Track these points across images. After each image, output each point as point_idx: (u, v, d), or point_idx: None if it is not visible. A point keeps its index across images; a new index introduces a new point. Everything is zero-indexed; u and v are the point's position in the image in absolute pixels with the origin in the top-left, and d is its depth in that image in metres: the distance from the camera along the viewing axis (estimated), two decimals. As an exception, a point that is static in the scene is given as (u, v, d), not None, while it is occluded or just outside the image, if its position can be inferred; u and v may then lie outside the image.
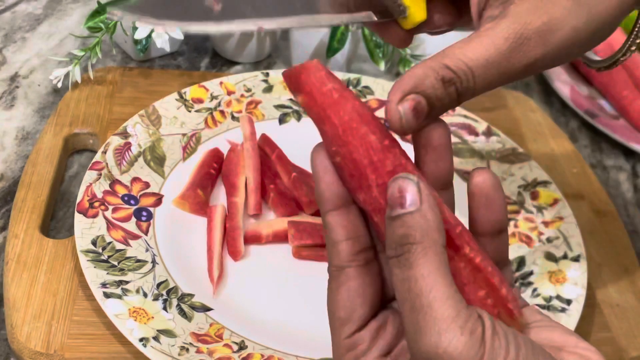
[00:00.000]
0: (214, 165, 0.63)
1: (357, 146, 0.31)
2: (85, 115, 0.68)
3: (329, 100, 0.31)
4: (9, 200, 0.62)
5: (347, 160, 0.31)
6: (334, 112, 0.31)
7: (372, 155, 0.31)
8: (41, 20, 0.84)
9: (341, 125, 0.31)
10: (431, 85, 0.33)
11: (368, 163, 0.31)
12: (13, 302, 0.52)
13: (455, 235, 0.31)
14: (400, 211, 0.30)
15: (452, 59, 0.34)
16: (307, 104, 0.31)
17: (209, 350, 0.49)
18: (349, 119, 0.31)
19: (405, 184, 0.30)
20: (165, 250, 0.56)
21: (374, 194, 0.31)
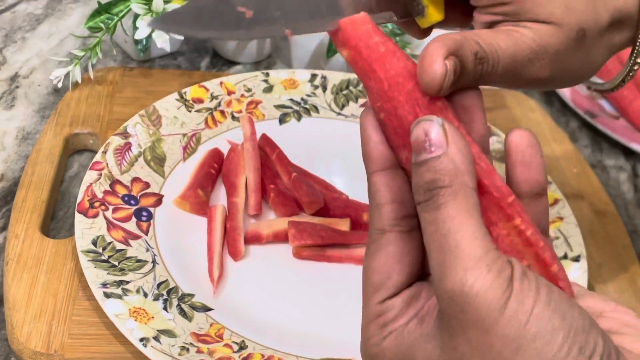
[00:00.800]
0: (214, 165, 0.64)
1: (403, 102, 0.30)
2: (86, 115, 0.68)
3: (375, 54, 0.30)
4: (9, 200, 0.62)
5: (391, 116, 0.30)
6: (380, 66, 0.30)
7: (417, 111, 0.30)
8: (41, 20, 0.84)
9: (387, 79, 0.30)
10: (467, 55, 0.33)
11: (413, 119, 0.30)
12: (13, 302, 0.52)
13: (507, 205, 0.30)
14: (427, 156, 0.29)
15: (485, 41, 0.35)
16: (353, 58, 0.31)
17: (210, 350, 0.49)
18: (395, 73, 0.30)
19: (430, 126, 0.29)
20: (165, 250, 0.56)
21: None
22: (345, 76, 0.74)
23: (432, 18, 0.39)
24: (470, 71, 0.33)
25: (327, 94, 0.73)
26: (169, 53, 0.81)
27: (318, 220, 0.60)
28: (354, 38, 0.30)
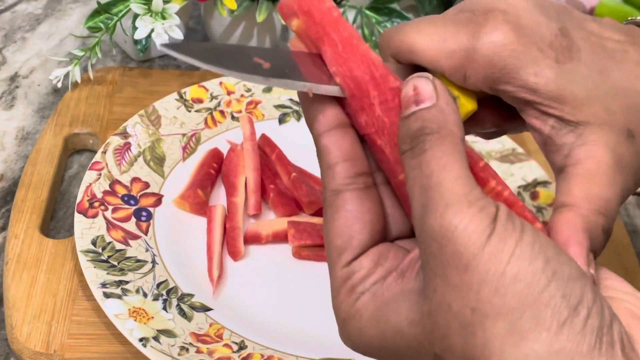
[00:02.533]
0: (213, 165, 0.63)
1: (358, 62, 0.30)
2: (85, 115, 0.68)
3: (328, 17, 0.30)
4: (9, 200, 0.62)
5: (347, 79, 0.30)
6: (334, 29, 0.30)
7: (373, 70, 0.30)
8: (41, 20, 0.84)
9: (341, 41, 0.30)
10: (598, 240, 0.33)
11: (370, 79, 0.30)
12: (13, 302, 0.52)
13: (479, 169, 0.30)
14: (415, 108, 0.29)
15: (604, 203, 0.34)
16: (305, 24, 0.31)
17: (209, 350, 0.49)
18: (349, 35, 0.30)
19: (420, 82, 0.29)
20: (165, 250, 0.56)
21: (376, 113, 0.30)
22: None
23: (464, 109, 0.37)
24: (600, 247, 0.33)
25: (327, 94, 0.72)
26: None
27: (318, 220, 0.60)
28: (307, 4, 0.30)
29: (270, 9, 0.73)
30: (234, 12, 0.73)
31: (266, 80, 0.29)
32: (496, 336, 0.26)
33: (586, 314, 0.26)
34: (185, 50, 0.28)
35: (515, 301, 0.26)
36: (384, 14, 0.75)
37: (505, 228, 0.26)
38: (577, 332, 0.25)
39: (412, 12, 0.82)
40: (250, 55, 0.29)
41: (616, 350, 0.26)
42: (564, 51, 0.35)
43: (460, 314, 0.26)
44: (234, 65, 0.28)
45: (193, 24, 0.88)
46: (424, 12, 0.81)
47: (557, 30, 0.35)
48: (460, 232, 0.26)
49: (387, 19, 0.75)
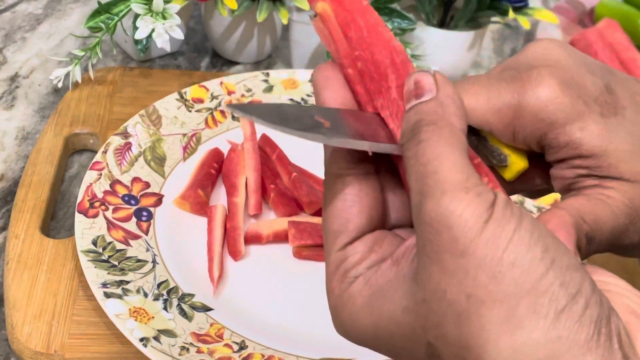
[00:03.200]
0: (214, 165, 0.64)
1: (381, 48, 0.31)
2: (86, 115, 0.68)
3: (357, 5, 0.32)
4: (9, 200, 0.62)
5: (369, 63, 0.31)
6: (361, 16, 0.32)
7: (394, 56, 0.31)
8: (41, 20, 0.84)
9: (367, 27, 0.32)
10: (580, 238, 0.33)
11: (390, 63, 0.31)
12: (13, 302, 0.52)
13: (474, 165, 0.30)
14: (416, 101, 0.29)
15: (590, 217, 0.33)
16: (334, 9, 0.32)
17: (210, 350, 0.49)
18: (375, 22, 0.32)
19: (421, 76, 0.29)
20: (165, 250, 0.56)
21: (392, 96, 0.31)
22: (345, 76, 0.74)
23: (516, 167, 0.37)
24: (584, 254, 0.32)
25: (327, 94, 0.73)
26: (169, 53, 0.81)
27: (318, 220, 0.60)
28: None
29: (270, 9, 0.73)
30: (234, 12, 0.73)
31: (328, 140, 0.29)
32: (492, 323, 0.25)
33: (584, 303, 0.25)
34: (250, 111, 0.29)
35: (512, 288, 0.25)
36: (384, 14, 0.75)
37: (503, 215, 0.26)
38: (575, 321, 0.25)
39: (412, 12, 0.82)
40: (312, 115, 0.30)
41: (614, 343, 0.26)
42: (609, 107, 0.35)
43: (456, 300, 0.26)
44: (297, 125, 0.29)
45: (193, 24, 0.88)
46: (424, 12, 0.81)
47: (602, 87, 0.35)
48: (457, 217, 0.26)
49: (388, 19, 0.75)
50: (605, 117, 0.34)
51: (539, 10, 0.77)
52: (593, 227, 0.33)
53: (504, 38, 0.99)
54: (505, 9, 0.76)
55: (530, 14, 0.77)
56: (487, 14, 0.78)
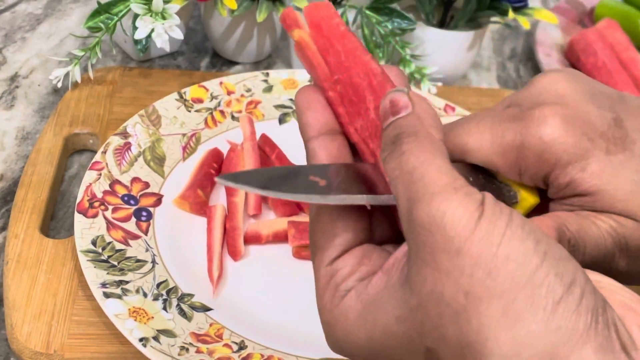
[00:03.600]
0: (213, 165, 0.64)
1: (359, 71, 0.32)
2: (85, 115, 0.68)
3: (335, 31, 0.33)
4: (9, 200, 0.62)
5: (347, 86, 0.32)
6: (339, 41, 0.33)
7: (372, 79, 0.32)
8: (41, 20, 0.84)
9: (345, 52, 0.32)
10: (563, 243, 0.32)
11: (367, 85, 0.32)
12: (13, 302, 0.52)
13: None
14: (392, 118, 0.30)
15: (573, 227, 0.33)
16: (313, 35, 0.33)
17: (209, 350, 0.49)
18: (353, 47, 0.33)
19: (397, 95, 0.30)
20: (165, 250, 0.56)
21: (371, 117, 0.32)
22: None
23: (527, 203, 0.37)
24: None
25: (327, 94, 0.73)
26: (168, 53, 0.81)
27: (318, 220, 0.60)
28: (317, 17, 0.33)
29: (270, 9, 0.73)
30: (234, 12, 0.73)
31: (324, 198, 0.30)
32: (491, 319, 0.25)
33: (580, 292, 0.26)
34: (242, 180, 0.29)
35: (508, 282, 0.25)
36: (384, 14, 0.75)
37: (493, 211, 0.26)
38: (573, 310, 0.25)
39: (412, 12, 0.82)
40: (306, 175, 0.30)
41: (611, 332, 0.26)
42: (616, 142, 0.34)
43: (453, 300, 0.26)
44: (291, 188, 0.29)
45: (193, 24, 0.88)
46: (424, 12, 0.81)
47: (610, 120, 0.34)
48: (450, 217, 0.26)
49: (387, 19, 0.75)
50: (611, 154, 0.34)
51: (539, 10, 0.77)
52: (576, 236, 0.33)
53: (503, 38, 0.99)
54: (505, 9, 0.76)
55: (530, 14, 0.77)
56: (487, 14, 0.78)
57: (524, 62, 0.94)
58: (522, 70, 0.92)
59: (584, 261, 0.33)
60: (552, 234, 0.32)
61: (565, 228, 0.33)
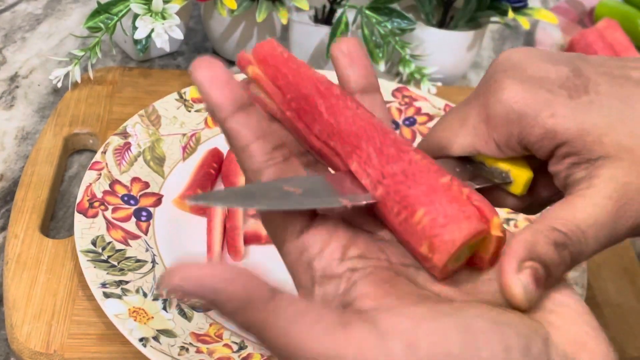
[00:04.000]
0: (213, 165, 0.64)
1: (306, 83, 0.34)
2: (85, 115, 0.68)
3: (280, 58, 0.35)
4: (9, 200, 0.62)
5: (299, 99, 0.34)
6: (284, 65, 0.35)
7: (319, 86, 0.34)
8: (41, 20, 0.84)
9: (291, 73, 0.34)
10: (544, 251, 0.30)
11: (315, 92, 0.34)
12: (13, 302, 0.52)
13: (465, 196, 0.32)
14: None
15: (561, 221, 0.32)
16: (262, 68, 0.35)
17: (209, 350, 0.49)
18: (297, 67, 0.35)
19: None
20: (165, 250, 0.56)
21: (325, 118, 0.33)
22: (345, 76, 0.74)
23: (521, 179, 0.37)
24: (557, 263, 0.31)
25: (327, 94, 0.73)
26: (168, 53, 0.81)
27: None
28: (263, 53, 0.35)
29: (270, 9, 0.73)
30: (234, 12, 0.73)
31: (301, 204, 0.30)
32: None
33: None
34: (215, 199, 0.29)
35: None
36: (384, 14, 0.75)
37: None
38: None
39: (412, 12, 0.82)
40: (279, 187, 0.30)
41: None
42: (577, 88, 0.34)
43: None
44: (267, 200, 0.29)
45: (193, 24, 0.88)
46: (424, 12, 0.81)
47: (568, 72, 0.34)
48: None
49: (387, 19, 0.75)
50: (574, 98, 0.34)
51: (539, 10, 0.77)
52: (567, 230, 0.32)
53: (503, 38, 0.99)
54: (505, 9, 0.76)
55: (530, 14, 0.77)
56: (486, 14, 0.78)
57: (523, 62, 0.94)
58: (522, 70, 0.92)
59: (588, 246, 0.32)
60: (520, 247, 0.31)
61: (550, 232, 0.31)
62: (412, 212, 0.31)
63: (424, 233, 0.30)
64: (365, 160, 0.32)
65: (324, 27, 0.77)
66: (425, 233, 0.30)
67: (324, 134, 0.33)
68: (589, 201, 0.32)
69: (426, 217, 0.31)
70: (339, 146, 0.33)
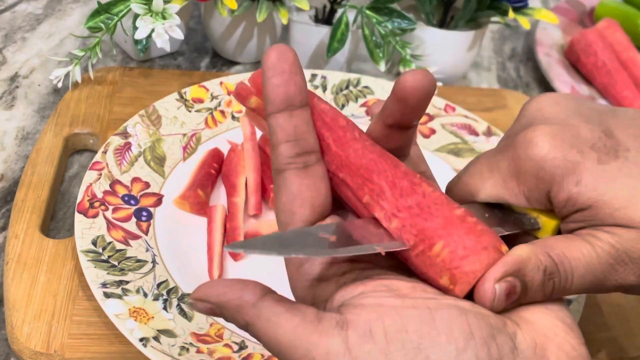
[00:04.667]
0: (214, 165, 0.64)
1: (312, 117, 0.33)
2: (85, 115, 0.68)
3: None
4: (9, 200, 0.62)
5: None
6: None
7: (324, 117, 0.34)
8: (41, 20, 0.84)
9: None
10: (532, 273, 0.32)
11: (322, 124, 0.34)
12: (13, 302, 0.52)
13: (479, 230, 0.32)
14: None
15: (556, 251, 0.33)
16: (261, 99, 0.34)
17: (209, 350, 0.49)
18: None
19: None
20: (165, 250, 0.56)
21: (333, 150, 0.33)
22: (345, 76, 0.74)
23: (549, 226, 0.37)
24: (537, 289, 0.32)
25: (327, 94, 0.73)
26: (169, 53, 0.81)
27: (318, 220, 0.60)
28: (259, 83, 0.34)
29: (270, 9, 0.73)
30: (234, 12, 0.73)
31: (336, 252, 0.31)
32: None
33: None
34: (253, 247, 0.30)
35: None
36: (384, 14, 0.75)
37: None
38: None
39: (412, 12, 0.82)
40: (315, 233, 0.31)
41: None
42: (608, 151, 0.34)
43: None
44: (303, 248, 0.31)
45: (193, 24, 0.88)
46: (424, 12, 0.81)
47: (599, 133, 0.34)
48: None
49: (388, 19, 0.75)
50: (603, 163, 0.34)
51: (539, 10, 0.77)
52: (557, 261, 0.33)
53: (504, 38, 0.99)
54: (505, 9, 0.76)
55: (530, 14, 0.77)
56: (487, 14, 0.78)
57: (524, 62, 0.94)
58: (522, 70, 0.92)
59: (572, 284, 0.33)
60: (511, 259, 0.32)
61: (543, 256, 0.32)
62: (431, 245, 0.32)
63: (444, 265, 0.31)
64: (378, 193, 0.33)
65: (324, 27, 0.78)
66: (445, 265, 0.31)
67: (333, 165, 0.33)
68: (588, 247, 0.33)
69: (445, 249, 0.31)
70: (348, 178, 0.33)
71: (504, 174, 0.36)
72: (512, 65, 0.93)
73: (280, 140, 0.32)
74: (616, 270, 0.34)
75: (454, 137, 0.71)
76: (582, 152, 0.34)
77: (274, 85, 0.32)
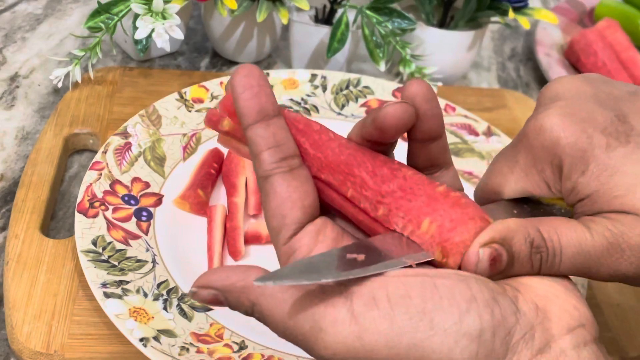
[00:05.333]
0: (214, 165, 0.64)
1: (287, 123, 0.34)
2: (85, 115, 0.68)
3: None
4: (9, 200, 0.62)
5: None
6: None
7: (297, 125, 0.34)
8: (41, 20, 0.84)
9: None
10: (519, 244, 0.32)
11: (296, 132, 0.34)
12: (13, 302, 0.52)
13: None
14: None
15: (549, 228, 0.33)
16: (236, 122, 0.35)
17: (209, 350, 0.49)
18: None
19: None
20: (165, 250, 0.56)
21: (311, 154, 0.34)
22: (345, 76, 0.74)
23: None
24: (524, 260, 0.32)
25: (327, 94, 0.73)
26: (169, 53, 0.81)
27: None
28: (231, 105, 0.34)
29: (270, 9, 0.73)
30: (234, 12, 0.73)
31: (366, 270, 0.31)
32: None
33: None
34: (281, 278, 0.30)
35: None
36: (384, 14, 0.75)
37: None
38: None
39: (412, 12, 0.82)
40: (343, 255, 0.32)
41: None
42: (619, 135, 0.34)
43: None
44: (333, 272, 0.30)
45: (193, 24, 0.88)
46: (424, 12, 0.81)
47: (612, 117, 0.34)
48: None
49: (388, 19, 0.75)
50: (612, 149, 0.33)
51: (539, 10, 0.77)
52: (545, 237, 0.33)
53: (504, 38, 0.99)
54: (505, 9, 0.76)
55: (530, 14, 0.77)
56: (487, 14, 0.78)
57: (524, 62, 0.94)
58: (522, 70, 0.92)
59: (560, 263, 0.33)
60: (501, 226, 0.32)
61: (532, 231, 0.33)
62: (418, 224, 0.32)
63: (434, 240, 0.32)
64: (360, 184, 0.33)
65: (324, 27, 0.78)
66: (435, 240, 0.32)
67: (314, 169, 0.34)
68: (583, 228, 0.33)
69: (433, 224, 0.32)
70: (330, 177, 0.34)
71: (523, 167, 0.36)
72: (512, 65, 0.93)
73: (261, 149, 0.33)
74: (611, 255, 0.33)
75: (454, 137, 0.71)
76: (592, 137, 0.34)
77: (245, 100, 0.32)
